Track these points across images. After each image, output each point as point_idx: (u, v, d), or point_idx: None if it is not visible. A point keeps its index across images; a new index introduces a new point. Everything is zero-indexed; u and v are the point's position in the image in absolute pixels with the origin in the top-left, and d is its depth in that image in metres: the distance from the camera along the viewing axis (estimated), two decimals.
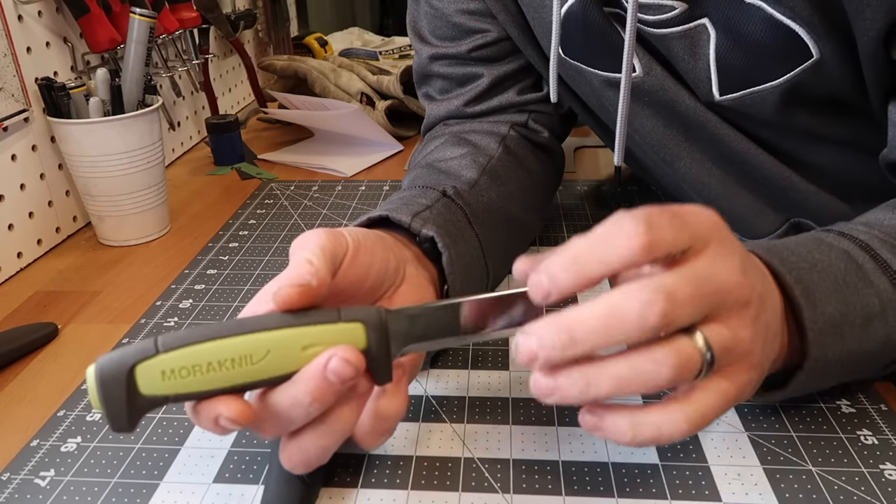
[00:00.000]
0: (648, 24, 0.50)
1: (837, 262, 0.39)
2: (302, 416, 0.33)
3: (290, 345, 0.32)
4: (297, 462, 0.34)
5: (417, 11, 0.67)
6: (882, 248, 0.40)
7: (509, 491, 0.38)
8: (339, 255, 0.37)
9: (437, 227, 0.46)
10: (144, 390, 0.31)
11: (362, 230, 0.41)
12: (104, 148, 0.65)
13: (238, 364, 0.32)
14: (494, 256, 0.53)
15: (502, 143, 0.61)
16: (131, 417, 0.32)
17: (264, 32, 1.29)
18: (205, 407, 0.32)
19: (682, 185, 0.61)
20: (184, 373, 0.31)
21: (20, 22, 0.67)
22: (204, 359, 0.31)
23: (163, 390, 0.31)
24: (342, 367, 0.32)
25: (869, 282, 0.38)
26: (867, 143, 0.50)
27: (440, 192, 0.51)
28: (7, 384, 0.49)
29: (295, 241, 0.37)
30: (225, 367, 0.31)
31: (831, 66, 0.45)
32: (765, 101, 0.49)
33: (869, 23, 0.41)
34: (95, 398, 0.31)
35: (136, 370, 0.31)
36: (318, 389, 0.32)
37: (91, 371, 0.31)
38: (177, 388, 0.31)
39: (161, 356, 0.31)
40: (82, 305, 0.59)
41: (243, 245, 0.68)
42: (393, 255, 0.41)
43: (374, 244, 0.40)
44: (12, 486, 0.40)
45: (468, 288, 0.48)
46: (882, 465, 0.39)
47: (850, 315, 0.37)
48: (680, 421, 0.31)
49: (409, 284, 0.42)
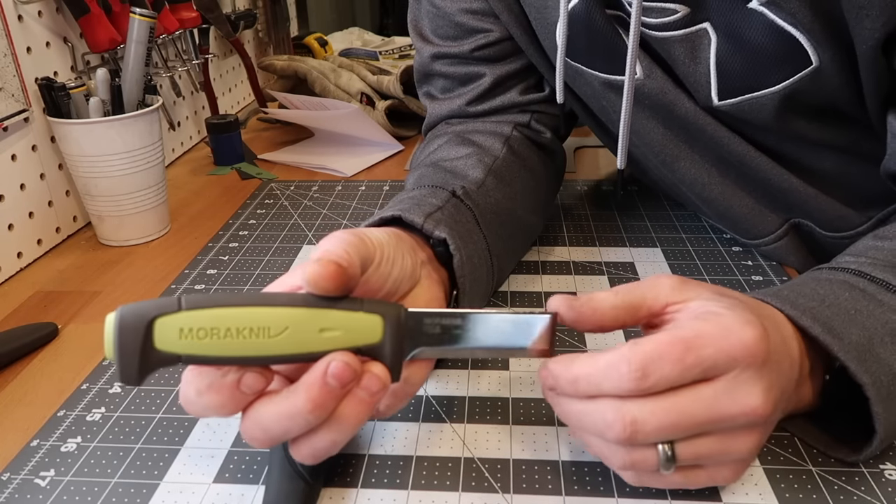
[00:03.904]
0: (650, 27, 0.50)
1: (841, 292, 0.39)
2: (300, 425, 0.33)
3: (309, 325, 0.33)
4: (305, 455, 0.34)
5: (419, 10, 0.67)
6: (875, 270, 0.40)
7: (509, 491, 0.38)
8: (369, 261, 0.37)
9: (450, 228, 0.47)
10: (160, 345, 0.31)
11: (385, 234, 0.41)
12: (104, 148, 0.65)
13: (255, 334, 0.32)
14: (499, 257, 0.53)
15: (506, 143, 0.61)
16: (142, 370, 0.32)
17: (264, 32, 1.29)
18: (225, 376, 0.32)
19: (681, 187, 0.61)
20: (201, 333, 0.31)
21: (20, 22, 0.67)
22: (223, 323, 0.32)
23: (177, 348, 0.32)
24: (343, 370, 0.32)
25: (878, 302, 0.38)
26: (865, 149, 0.50)
27: (450, 192, 0.51)
28: (7, 384, 0.49)
29: (326, 237, 0.36)
30: (242, 335, 0.32)
31: (830, 73, 0.45)
32: (763, 108, 0.49)
33: (868, 32, 0.41)
34: (110, 345, 0.31)
35: (155, 323, 0.31)
36: (320, 395, 0.32)
37: (111, 318, 0.32)
38: (191, 349, 0.32)
39: (182, 313, 0.32)
40: (82, 305, 0.59)
41: (243, 245, 0.68)
42: (410, 259, 0.41)
43: (396, 251, 0.40)
44: (12, 486, 0.40)
45: (476, 289, 0.48)
46: (882, 465, 0.39)
47: (877, 336, 0.37)
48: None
49: (422, 286, 0.42)
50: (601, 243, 0.66)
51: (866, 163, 0.51)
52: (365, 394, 0.34)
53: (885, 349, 0.37)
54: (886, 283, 0.39)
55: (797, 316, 0.37)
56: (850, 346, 0.36)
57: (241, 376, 0.33)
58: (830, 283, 0.40)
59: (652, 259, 0.63)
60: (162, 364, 0.32)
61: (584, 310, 0.36)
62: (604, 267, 0.62)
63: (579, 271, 0.61)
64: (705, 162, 0.57)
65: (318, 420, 0.33)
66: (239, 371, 0.33)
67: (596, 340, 0.51)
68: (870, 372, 0.36)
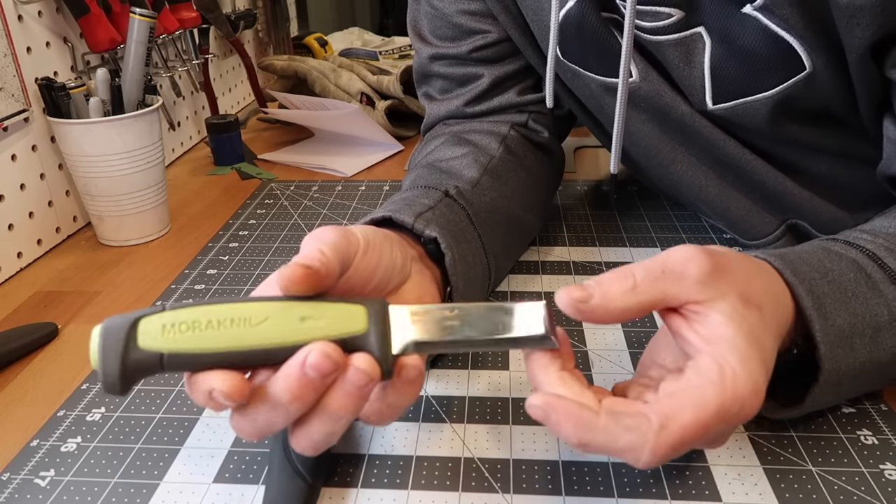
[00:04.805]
0: (645, 30, 0.50)
1: (847, 271, 0.39)
2: (282, 416, 0.32)
3: (290, 314, 0.33)
4: (304, 447, 0.34)
5: (418, 11, 0.67)
6: (888, 257, 0.40)
7: (509, 491, 0.38)
8: (351, 255, 0.37)
9: (440, 227, 0.46)
10: (143, 343, 0.31)
11: (371, 227, 0.41)
12: (104, 148, 0.65)
13: (236, 324, 0.32)
14: (496, 256, 0.53)
15: (503, 142, 0.61)
16: (124, 375, 0.31)
17: (264, 32, 1.29)
18: (200, 378, 0.32)
19: (679, 188, 0.61)
20: (183, 327, 0.32)
21: (20, 22, 0.67)
22: (204, 316, 0.32)
23: (160, 344, 0.31)
24: (321, 360, 0.31)
25: (878, 291, 0.39)
26: (859, 153, 0.51)
27: (442, 192, 0.51)
28: (7, 384, 0.49)
29: (307, 236, 0.36)
30: (224, 326, 0.32)
31: (822, 79, 0.45)
32: (757, 112, 0.49)
33: (858, 40, 0.41)
34: (95, 354, 0.31)
35: (139, 323, 0.32)
36: (298, 387, 0.31)
37: (97, 328, 0.32)
38: (173, 344, 0.31)
39: (166, 312, 0.32)
40: (82, 305, 0.59)
41: (243, 245, 0.68)
42: (400, 253, 0.41)
43: (383, 241, 0.40)
44: (12, 486, 0.40)
45: (471, 288, 0.48)
46: (882, 465, 0.39)
47: (860, 326, 0.38)
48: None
49: (413, 282, 0.42)
50: (601, 243, 0.66)
51: (860, 166, 0.51)
52: (351, 386, 0.32)
53: (862, 341, 0.38)
54: (893, 275, 0.39)
55: (795, 283, 0.38)
56: (832, 330, 0.37)
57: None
58: (840, 259, 0.40)
59: None
60: (144, 368, 0.32)
61: (594, 315, 0.34)
62: (604, 267, 0.62)
63: (579, 271, 0.61)
64: (702, 164, 0.57)
65: (299, 411, 0.32)
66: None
67: (596, 341, 0.51)
68: (835, 360, 0.37)
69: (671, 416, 0.31)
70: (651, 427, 0.31)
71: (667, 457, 0.31)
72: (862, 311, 0.38)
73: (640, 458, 0.31)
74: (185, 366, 0.32)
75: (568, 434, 0.32)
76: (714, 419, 0.31)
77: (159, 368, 0.32)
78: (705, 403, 0.31)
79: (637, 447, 0.31)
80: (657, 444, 0.31)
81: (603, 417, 0.32)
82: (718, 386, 0.31)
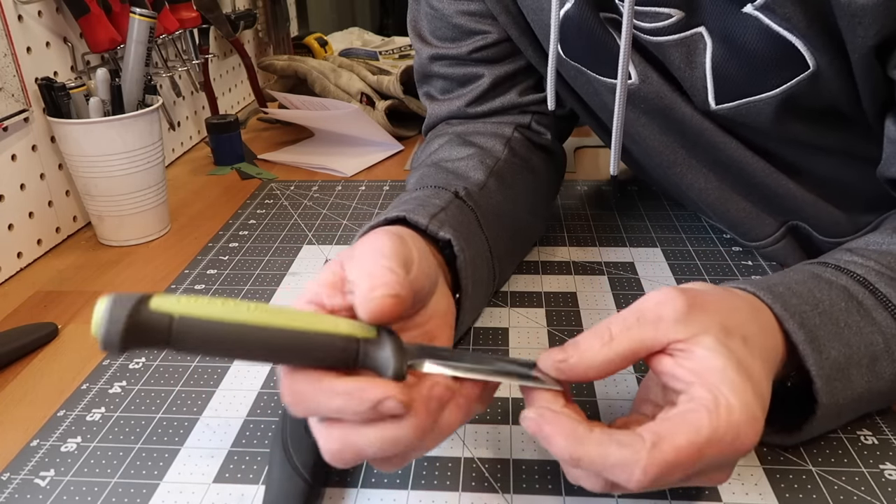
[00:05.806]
0: (645, 31, 0.50)
1: (838, 300, 0.39)
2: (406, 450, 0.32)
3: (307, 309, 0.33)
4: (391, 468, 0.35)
5: (418, 11, 0.67)
6: (880, 281, 0.40)
7: (509, 491, 0.38)
8: (409, 266, 0.36)
9: (454, 229, 0.46)
10: (154, 306, 0.30)
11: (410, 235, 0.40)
12: (104, 148, 0.65)
13: (254, 308, 0.31)
14: (500, 259, 0.53)
15: (507, 145, 0.61)
16: (127, 329, 0.29)
17: (264, 32, 1.29)
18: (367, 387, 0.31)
19: (679, 189, 0.61)
20: (199, 300, 0.31)
21: (20, 22, 0.67)
22: (222, 298, 0.31)
23: (173, 307, 0.30)
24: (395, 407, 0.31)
25: (871, 319, 0.38)
26: (863, 152, 0.50)
27: (452, 193, 0.51)
28: (7, 384, 0.49)
29: (361, 242, 0.35)
30: (240, 307, 0.31)
31: (827, 78, 0.45)
32: (761, 112, 0.49)
33: (861, 40, 0.41)
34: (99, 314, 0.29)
35: (152, 296, 0.30)
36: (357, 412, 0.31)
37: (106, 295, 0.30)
38: (187, 308, 0.30)
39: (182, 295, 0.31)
40: (82, 305, 0.59)
41: (243, 245, 0.68)
42: (433, 258, 0.41)
43: (422, 250, 0.39)
44: (12, 486, 0.40)
45: (478, 291, 0.48)
46: (882, 465, 0.39)
47: (856, 356, 0.37)
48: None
49: (440, 292, 0.40)
50: (601, 243, 0.66)
51: (862, 166, 0.51)
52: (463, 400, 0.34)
53: (859, 372, 0.37)
54: (886, 300, 0.39)
55: (785, 318, 0.37)
56: (826, 364, 0.36)
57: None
58: (830, 287, 0.40)
59: (652, 259, 0.63)
60: (151, 327, 0.29)
61: (575, 372, 0.34)
62: (604, 267, 0.62)
63: (579, 271, 0.61)
64: (703, 166, 0.57)
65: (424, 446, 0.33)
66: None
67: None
68: (833, 394, 0.37)
69: (665, 436, 0.31)
70: (644, 445, 0.31)
71: (659, 477, 0.31)
72: (856, 341, 0.37)
73: (631, 477, 0.30)
74: (196, 335, 0.30)
75: (560, 448, 0.31)
76: (707, 444, 0.31)
77: (167, 334, 0.30)
78: (699, 427, 0.31)
79: (629, 464, 0.30)
80: (649, 462, 0.30)
81: (596, 432, 0.32)
82: (713, 412, 0.31)
